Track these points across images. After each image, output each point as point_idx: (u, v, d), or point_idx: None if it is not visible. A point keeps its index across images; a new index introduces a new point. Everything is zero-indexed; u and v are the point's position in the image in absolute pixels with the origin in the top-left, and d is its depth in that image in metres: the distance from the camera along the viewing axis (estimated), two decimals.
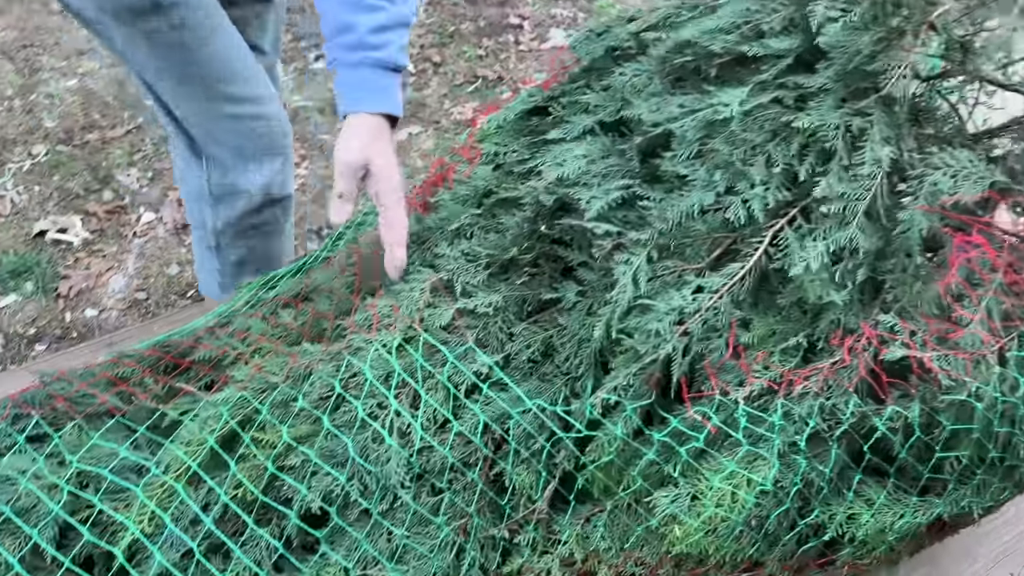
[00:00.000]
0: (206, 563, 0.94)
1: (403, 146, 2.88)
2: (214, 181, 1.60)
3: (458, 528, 0.98)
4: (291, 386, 1.03)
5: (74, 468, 1.00)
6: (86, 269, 2.38)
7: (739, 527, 0.97)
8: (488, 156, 1.25)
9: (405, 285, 1.05)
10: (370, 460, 0.97)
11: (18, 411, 1.13)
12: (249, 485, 0.95)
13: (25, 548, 0.96)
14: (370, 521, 0.98)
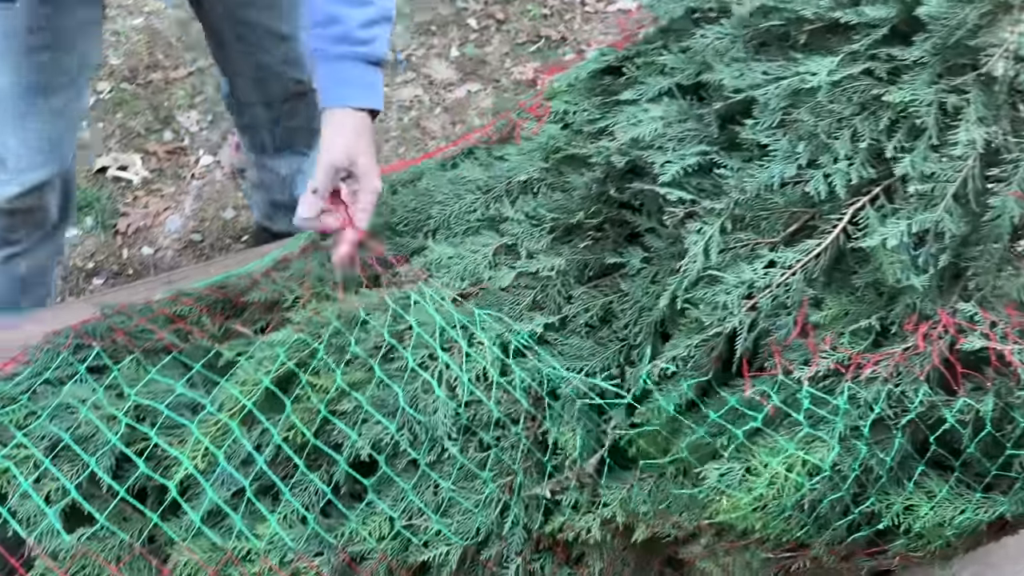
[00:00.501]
0: (256, 502, 0.94)
1: (461, 103, 2.85)
2: None
3: (504, 485, 0.97)
4: (347, 332, 1.02)
5: (132, 401, 1.01)
6: (144, 208, 2.41)
7: (790, 508, 0.94)
8: (557, 114, 1.22)
9: (467, 246, 1.03)
10: (419, 410, 0.97)
11: (80, 342, 1.14)
12: (302, 427, 0.95)
13: (82, 475, 0.97)
14: (417, 472, 0.98)
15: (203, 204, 2.44)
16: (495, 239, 1.03)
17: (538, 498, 1.02)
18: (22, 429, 1.01)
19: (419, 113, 2.80)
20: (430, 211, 1.08)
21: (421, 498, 0.98)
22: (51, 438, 1.01)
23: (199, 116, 2.66)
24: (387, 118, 2.75)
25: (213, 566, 0.96)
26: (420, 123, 2.76)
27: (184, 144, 2.58)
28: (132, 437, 1.00)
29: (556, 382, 0.97)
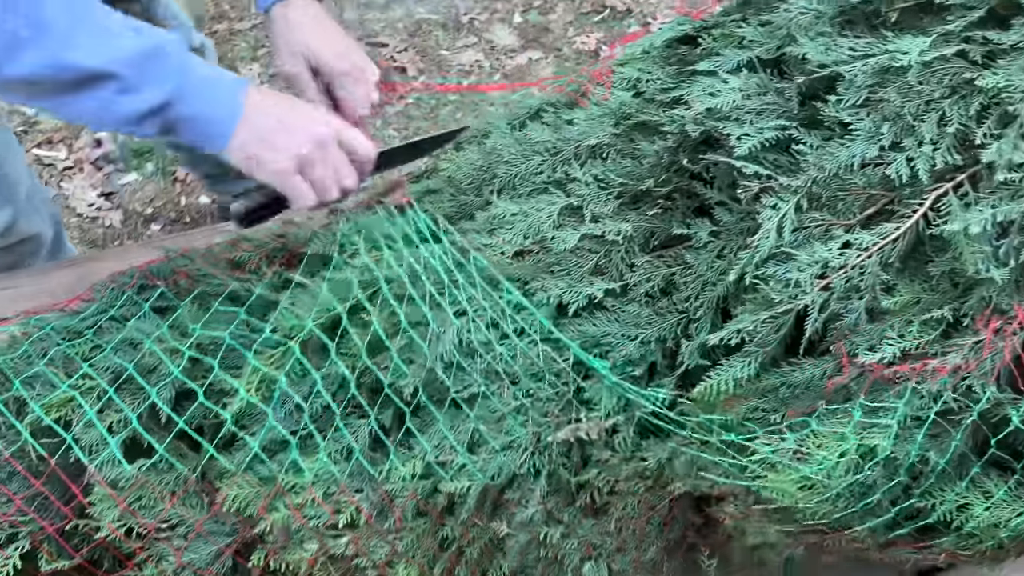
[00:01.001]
0: (316, 434, 0.96)
1: (521, 70, 2.83)
2: None
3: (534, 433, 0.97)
4: (408, 276, 1.03)
5: (196, 336, 1.03)
6: None
7: (839, 491, 0.93)
8: (629, 81, 1.20)
9: (534, 202, 1.02)
10: (463, 351, 0.97)
11: (144, 282, 1.16)
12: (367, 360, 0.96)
13: (143, 407, 0.99)
14: (453, 411, 0.98)
15: None
16: (561, 198, 1.02)
17: (567, 447, 1.01)
18: (87, 361, 1.03)
19: (478, 78, 2.78)
20: (496, 170, 1.07)
21: (456, 437, 0.98)
22: (115, 371, 1.03)
23: (260, 69, 2.68)
24: (446, 82, 2.74)
25: (261, 500, 0.97)
26: None
27: None
28: (193, 374, 1.02)
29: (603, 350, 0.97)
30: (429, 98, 2.69)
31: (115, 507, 0.95)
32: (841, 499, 0.90)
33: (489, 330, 0.97)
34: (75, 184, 2.28)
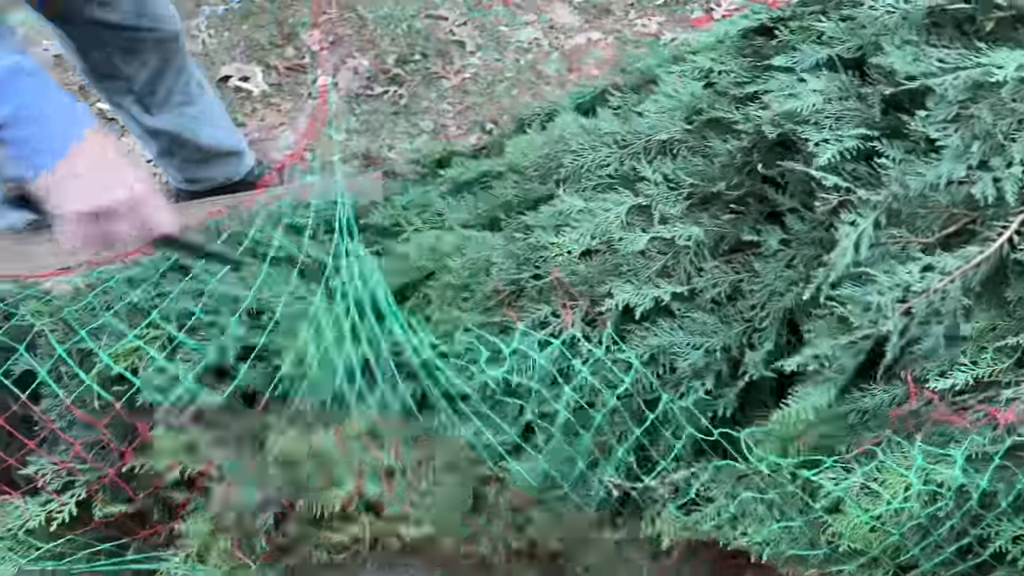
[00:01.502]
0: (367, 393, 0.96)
1: (579, 50, 2.78)
2: None
3: (598, 443, 0.96)
4: (468, 273, 1.01)
5: (252, 295, 1.04)
6: (261, 120, 2.44)
7: (908, 528, 0.90)
8: (701, 71, 1.17)
9: (600, 202, 1.00)
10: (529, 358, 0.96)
11: None
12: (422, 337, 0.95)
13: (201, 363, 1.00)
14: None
15: (316, 124, 2.46)
16: (629, 198, 1.00)
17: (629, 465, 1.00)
18: (152, 311, 1.04)
19: (536, 57, 2.74)
20: (562, 159, 1.05)
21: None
22: (178, 321, 1.04)
23: (321, 36, 2.67)
24: (503, 59, 2.71)
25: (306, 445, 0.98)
26: (536, 67, 2.71)
27: (304, 62, 2.59)
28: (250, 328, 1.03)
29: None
30: (487, 73, 2.66)
31: (174, 451, 0.97)
32: (908, 536, 0.88)
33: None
34: (130, 140, 2.31)
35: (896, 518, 0.88)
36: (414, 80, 2.59)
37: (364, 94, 2.53)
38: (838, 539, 0.91)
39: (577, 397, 0.92)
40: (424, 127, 2.50)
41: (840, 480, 0.88)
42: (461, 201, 1.15)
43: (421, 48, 2.68)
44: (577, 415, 0.97)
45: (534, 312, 0.96)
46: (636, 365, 0.91)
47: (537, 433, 0.99)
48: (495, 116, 2.53)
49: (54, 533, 1.08)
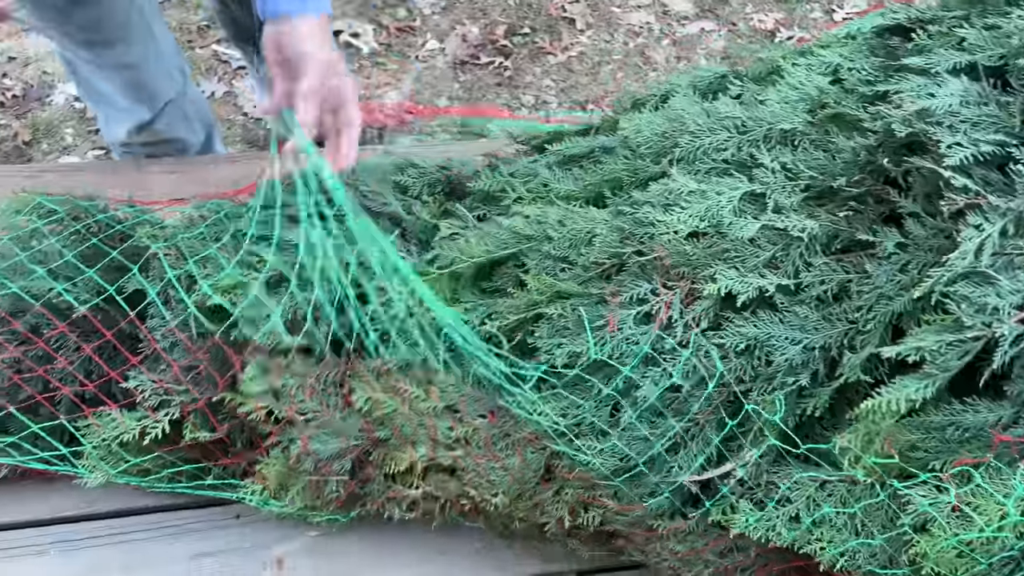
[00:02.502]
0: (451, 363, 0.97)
1: (691, 39, 2.74)
2: None
3: (683, 428, 0.95)
4: (569, 244, 1.01)
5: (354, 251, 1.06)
6: (367, 78, 2.48)
7: (1000, 558, 0.86)
8: (829, 66, 1.13)
9: (713, 185, 0.98)
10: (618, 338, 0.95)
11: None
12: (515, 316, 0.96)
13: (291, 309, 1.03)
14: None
15: (421, 87, 2.49)
16: (744, 184, 0.98)
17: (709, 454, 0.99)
18: (252, 254, 1.08)
19: (646, 41, 2.71)
20: (679, 139, 1.04)
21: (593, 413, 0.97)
22: (277, 266, 1.07)
23: (434, 0, 2.69)
24: (613, 40, 2.69)
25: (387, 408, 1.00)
26: (645, 52, 2.68)
27: (415, 24, 2.62)
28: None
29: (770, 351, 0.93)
30: (594, 53, 2.64)
31: (263, 387, 1.00)
32: (996, 567, 0.84)
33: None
34: (245, 84, 2.37)
35: (987, 546, 0.84)
36: (520, 53, 2.59)
37: (470, 62, 2.55)
38: (921, 560, 0.88)
39: (666, 379, 0.91)
40: (525, 101, 2.51)
41: (932, 498, 0.85)
42: (568, 174, 1.14)
43: (531, 22, 2.68)
44: (660, 399, 0.96)
45: (633, 288, 0.95)
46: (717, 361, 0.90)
47: (619, 413, 0.98)
48: (597, 97, 2.52)
49: (143, 448, 1.13)
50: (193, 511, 1.22)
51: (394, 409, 1.04)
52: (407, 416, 1.04)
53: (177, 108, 1.70)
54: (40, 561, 1.15)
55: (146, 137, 1.69)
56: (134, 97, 1.62)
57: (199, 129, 1.80)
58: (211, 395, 1.10)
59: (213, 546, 1.19)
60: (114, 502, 1.20)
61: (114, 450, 1.12)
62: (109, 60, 1.54)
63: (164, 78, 1.66)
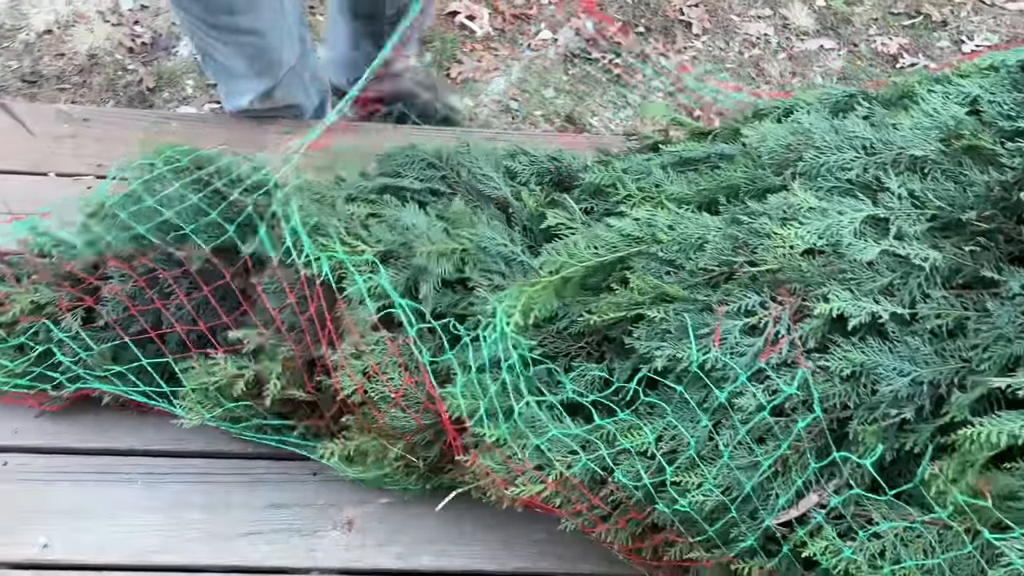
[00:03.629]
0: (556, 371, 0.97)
1: (808, 56, 2.67)
2: None
3: (779, 458, 0.93)
4: (677, 248, 1.00)
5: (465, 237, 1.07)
6: (477, 61, 2.50)
7: None
8: (967, 96, 1.09)
9: (835, 204, 0.96)
10: (722, 348, 0.93)
11: (432, 160, 1.22)
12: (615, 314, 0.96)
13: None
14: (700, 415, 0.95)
15: (529, 76, 2.49)
16: (867, 207, 0.95)
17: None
18: (365, 228, 1.10)
19: (761, 53, 2.65)
20: (803, 153, 1.02)
21: (692, 433, 0.95)
22: (386, 241, 1.09)
23: None
24: (727, 48, 2.64)
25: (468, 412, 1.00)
26: (759, 63, 2.63)
27: (531, 12, 2.63)
28: (455, 264, 1.06)
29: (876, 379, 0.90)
30: (707, 59, 2.60)
31: (359, 372, 1.02)
32: None
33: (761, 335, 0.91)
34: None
35: None
36: (633, 52, 2.57)
37: (581, 56, 2.54)
38: None
39: (765, 401, 0.89)
40: (631, 100, 2.49)
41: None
42: (681, 176, 1.13)
43: (647, 21, 2.65)
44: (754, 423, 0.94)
45: (741, 299, 0.93)
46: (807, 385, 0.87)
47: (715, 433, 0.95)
48: (705, 103, 2.48)
49: (237, 397, 1.17)
50: (273, 462, 1.26)
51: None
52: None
53: (296, 75, 1.74)
54: (128, 488, 1.21)
55: (265, 104, 1.74)
56: (257, 68, 1.65)
57: (315, 95, 1.84)
58: (305, 358, 1.12)
59: (288, 498, 1.23)
60: (201, 443, 1.25)
61: (211, 394, 1.16)
62: (237, 26, 1.57)
63: (288, 46, 1.70)
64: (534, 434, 0.98)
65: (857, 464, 0.92)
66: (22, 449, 1.22)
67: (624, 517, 0.99)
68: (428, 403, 1.05)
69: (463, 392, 1.02)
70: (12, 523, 1.16)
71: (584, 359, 1.04)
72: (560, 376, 1.01)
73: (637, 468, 0.94)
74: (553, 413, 1.00)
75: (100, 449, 1.23)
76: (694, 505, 0.91)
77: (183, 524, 1.18)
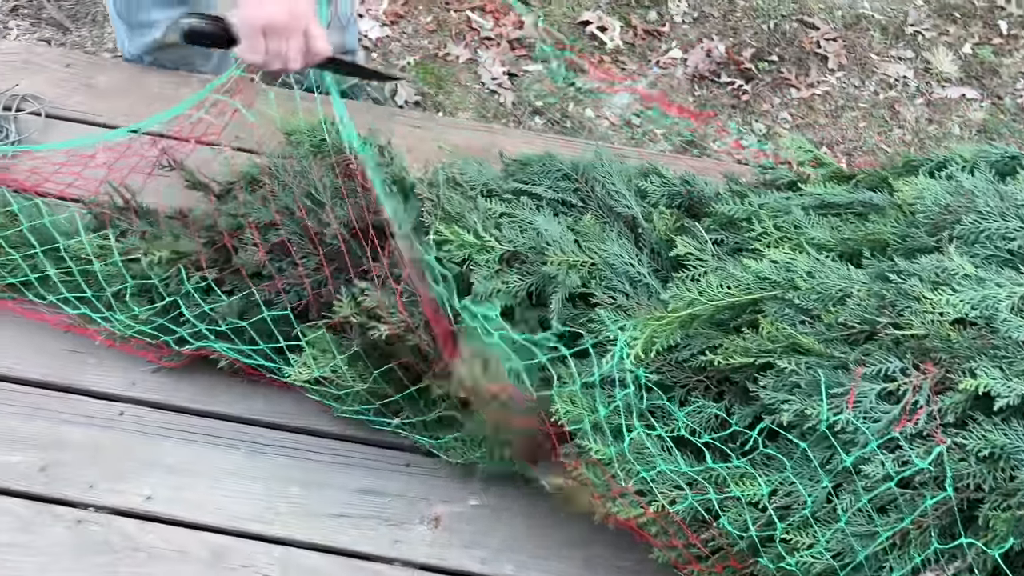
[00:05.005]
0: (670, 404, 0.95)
1: (947, 104, 2.56)
2: None
3: (900, 531, 0.89)
4: (816, 297, 0.97)
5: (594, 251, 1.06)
6: (604, 73, 2.49)
7: None
8: None
9: (993, 274, 0.91)
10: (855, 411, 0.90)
11: (565, 171, 1.22)
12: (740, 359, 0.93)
13: None
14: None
15: (654, 93, 2.46)
16: None
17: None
18: (497, 227, 1.10)
19: (898, 95, 2.56)
20: (963, 216, 0.97)
21: (809, 492, 0.91)
22: (515, 242, 1.09)
23: (687, 9, 2.65)
24: (862, 87, 2.56)
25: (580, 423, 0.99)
26: (894, 106, 2.53)
27: (663, 30, 2.60)
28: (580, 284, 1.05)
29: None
30: (840, 96, 2.52)
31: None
32: None
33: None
34: (489, 54, 2.44)
35: None
36: (763, 80, 2.51)
37: (709, 78, 2.49)
38: None
39: (893, 471, 0.85)
40: (756, 129, 2.43)
41: None
42: (823, 220, 1.09)
43: (781, 51, 2.59)
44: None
45: (881, 362, 0.89)
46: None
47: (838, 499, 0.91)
48: (833, 142, 2.40)
49: (351, 356, 1.17)
50: (370, 447, 1.27)
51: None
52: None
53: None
54: (231, 454, 1.24)
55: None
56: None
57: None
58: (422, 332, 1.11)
59: (379, 486, 1.24)
60: (304, 420, 1.28)
61: (327, 349, 1.16)
62: None
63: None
64: (640, 463, 0.96)
65: (983, 550, 0.87)
66: (138, 401, 1.27)
67: (722, 563, 0.96)
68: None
69: (570, 399, 1.01)
70: (122, 471, 1.21)
71: (701, 393, 1.01)
72: (674, 410, 0.98)
73: (745, 517, 0.92)
74: (662, 444, 0.99)
75: (209, 412, 1.27)
76: (801, 566, 0.88)
77: (279, 496, 1.21)
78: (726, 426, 0.97)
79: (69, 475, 1.20)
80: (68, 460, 1.21)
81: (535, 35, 2.49)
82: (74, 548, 1.14)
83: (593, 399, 0.97)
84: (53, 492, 1.18)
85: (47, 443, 1.22)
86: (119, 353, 1.29)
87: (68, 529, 1.16)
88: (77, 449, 1.22)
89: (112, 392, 1.27)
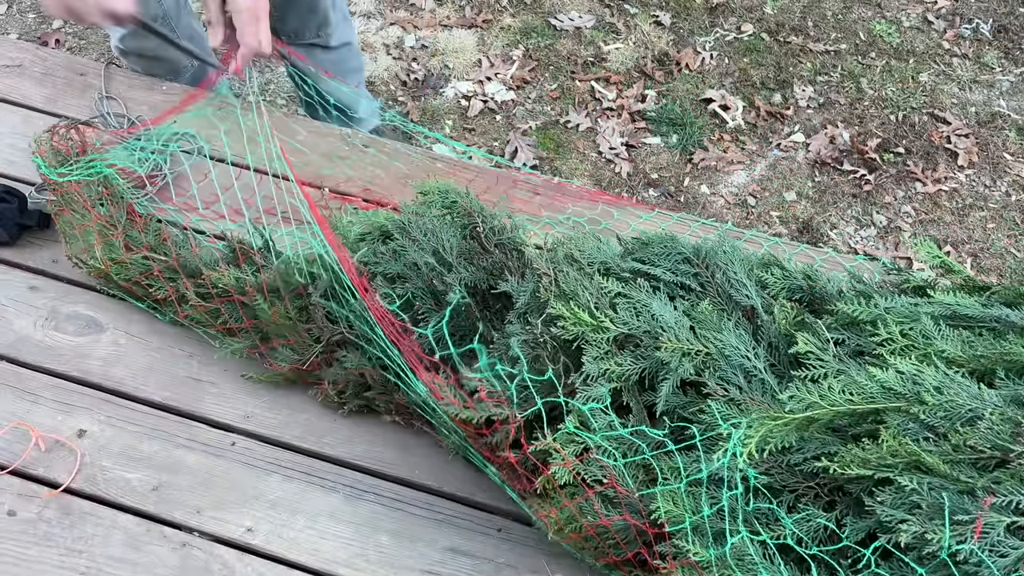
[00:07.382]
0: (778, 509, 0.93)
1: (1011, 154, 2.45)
2: None
3: None
4: (943, 415, 0.93)
5: (709, 340, 1.05)
6: (723, 151, 2.49)
7: None
8: None
9: None
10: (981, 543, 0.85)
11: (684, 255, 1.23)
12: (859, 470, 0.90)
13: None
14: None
15: (772, 175, 2.45)
16: None
17: None
18: (612, 308, 1.11)
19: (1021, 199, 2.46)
20: None
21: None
22: (630, 327, 1.10)
23: (813, 94, 2.64)
24: (993, 187, 2.47)
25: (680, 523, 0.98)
26: None
27: (787, 113, 2.59)
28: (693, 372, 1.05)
29: None
30: (969, 195, 2.44)
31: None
32: None
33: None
34: (609, 124, 2.48)
35: None
36: (887, 171, 2.46)
37: (831, 165, 2.46)
38: None
39: None
40: (876, 221, 2.38)
41: None
42: (954, 333, 1.05)
43: (908, 143, 2.53)
44: None
45: (1013, 493, 0.85)
46: None
47: None
48: (959, 241, 2.32)
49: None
50: (461, 506, 1.28)
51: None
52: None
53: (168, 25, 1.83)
54: (329, 496, 1.27)
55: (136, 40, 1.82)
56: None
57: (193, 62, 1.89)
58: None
59: (469, 547, 1.24)
60: (401, 471, 1.30)
61: (450, 425, 1.19)
62: None
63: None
64: (741, 569, 0.93)
65: None
66: (250, 434, 1.32)
67: None
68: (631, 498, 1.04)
69: (671, 499, 0.99)
70: (227, 500, 1.25)
71: (811, 500, 0.98)
72: (782, 515, 0.96)
73: None
74: (765, 550, 0.96)
75: (314, 452, 1.31)
76: None
77: (371, 545, 1.23)
78: (835, 539, 0.94)
79: (179, 498, 1.25)
80: (180, 483, 1.26)
81: (653, 108, 2.52)
82: (177, 570, 1.19)
83: (697, 498, 0.96)
84: (163, 513, 1.24)
85: (162, 465, 1.28)
86: (238, 384, 1.35)
87: (174, 551, 1.20)
88: (189, 473, 1.27)
89: (227, 422, 1.33)
